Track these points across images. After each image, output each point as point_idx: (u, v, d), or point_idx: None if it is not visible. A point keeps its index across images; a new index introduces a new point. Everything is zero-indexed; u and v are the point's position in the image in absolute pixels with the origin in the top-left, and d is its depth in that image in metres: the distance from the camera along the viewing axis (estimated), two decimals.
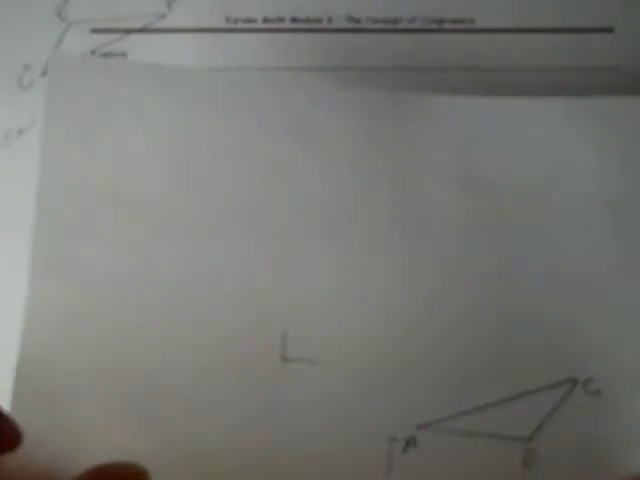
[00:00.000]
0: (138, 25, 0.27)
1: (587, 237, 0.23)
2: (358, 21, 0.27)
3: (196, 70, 0.25)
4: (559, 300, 0.23)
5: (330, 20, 0.27)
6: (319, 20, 0.27)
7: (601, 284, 0.23)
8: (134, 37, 0.27)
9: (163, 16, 0.27)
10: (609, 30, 0.26)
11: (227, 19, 0.27)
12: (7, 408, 0.21)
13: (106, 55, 0.27)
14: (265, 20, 0.27)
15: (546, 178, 0.24)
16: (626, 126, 0.24)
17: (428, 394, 0.22)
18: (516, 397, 0.22)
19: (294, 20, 0.27)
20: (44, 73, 0.27)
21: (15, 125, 0.26)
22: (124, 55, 0.27)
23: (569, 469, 0.21)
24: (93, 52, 0.27)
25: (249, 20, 0.27)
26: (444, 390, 0.22)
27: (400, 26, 0.27)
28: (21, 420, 0.19)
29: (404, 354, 0.22)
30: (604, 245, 0.23)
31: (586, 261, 0.23)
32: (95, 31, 0.27)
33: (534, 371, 0.22)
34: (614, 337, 0.22)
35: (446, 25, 0.26)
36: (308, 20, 0.27)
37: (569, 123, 0.24)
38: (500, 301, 0.23)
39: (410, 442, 0.21)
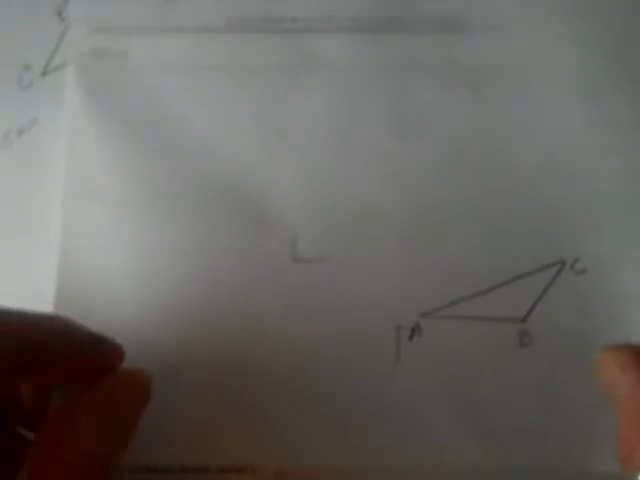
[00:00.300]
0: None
1: (568, 127, 0.25)
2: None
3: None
4: (544, 188, 0.24)
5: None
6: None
7: (583, 171, 0.24)
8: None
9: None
10: None
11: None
12: None
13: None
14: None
15: (529, 73, 0.25)
16: (604, 19, 0.25)
17: (429, 285, 0.24)
18: (510, 281, 0.24)
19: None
20: (44, 73, 0.27)
21: (15, 125, 0.26)
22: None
23: (561, 345, 0.23)
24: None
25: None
26: (443, 280, 0.24)
27: None
28: None
29: (406, 249, 0.24)
30: (585, 134, 0.24)
31: (568, 150, 0.24)
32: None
33: (525, 256, 0.24)
34: (597, 220, 0.24)
35: None
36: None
37: (550, 17, 0.25)
38: (490, 193, 0.24)
39: (415, 329, 0.23)
